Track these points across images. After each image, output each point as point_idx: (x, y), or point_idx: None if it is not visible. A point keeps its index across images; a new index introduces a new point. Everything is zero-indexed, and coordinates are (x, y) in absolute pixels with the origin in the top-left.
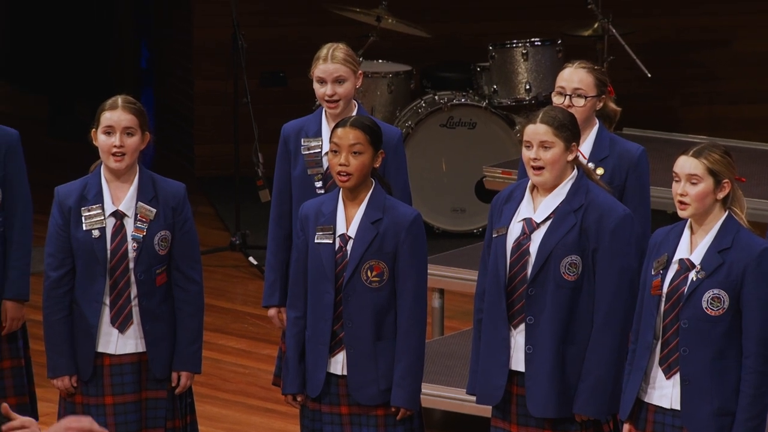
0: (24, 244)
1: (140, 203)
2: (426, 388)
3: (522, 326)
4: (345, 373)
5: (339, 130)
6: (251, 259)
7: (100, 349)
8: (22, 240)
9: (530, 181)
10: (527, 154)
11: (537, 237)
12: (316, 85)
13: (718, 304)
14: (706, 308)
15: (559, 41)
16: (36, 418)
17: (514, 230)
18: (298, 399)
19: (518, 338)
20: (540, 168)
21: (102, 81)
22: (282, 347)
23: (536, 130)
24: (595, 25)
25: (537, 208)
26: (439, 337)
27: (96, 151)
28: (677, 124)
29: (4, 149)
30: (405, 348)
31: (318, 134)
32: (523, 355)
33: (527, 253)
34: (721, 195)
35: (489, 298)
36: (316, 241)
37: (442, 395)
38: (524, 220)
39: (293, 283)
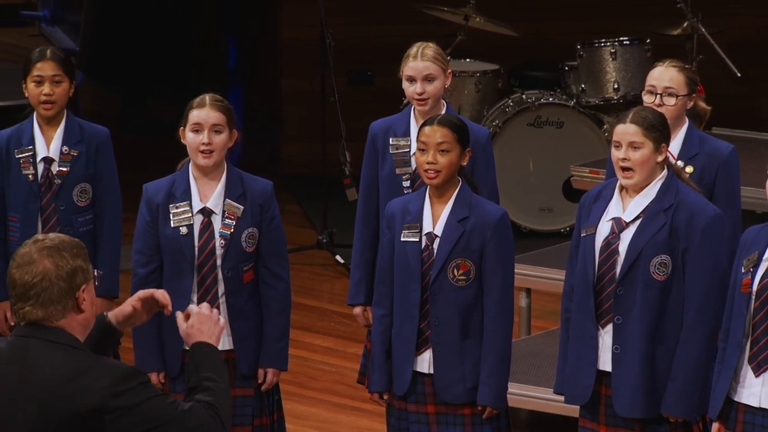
0: (113, 240)
1: (228, 200)
2: (513, 388)
3: (610, 326)
4: (431, 371)
5: (426, 128)
6: (338, 257)
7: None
8: (111, 237)
9: (619, 181)
10: (616, 154)
11: (626, 236)
12: (405, 84)
13: None
14: None
15: (648, 40)
16: None
17: (603, 229)
18: (384, 397)
19: (606, 338)
20: (629, 169)
21: (185, 79)
22: (368, 345)
23: (626, 130)
24: (685, 24)
25: (626, 207)
26: (526, 337)
27: (183, 148)
28: (767, 123)
29: (95, 147)
30: (491, 346)
31: (407, 133)
32: (610, 354)
33: (616, 252)
34: None
35: (577, 297)
36: (402, 239)
37: (529, 395)
38: (613, 219)
39: (379, 281)
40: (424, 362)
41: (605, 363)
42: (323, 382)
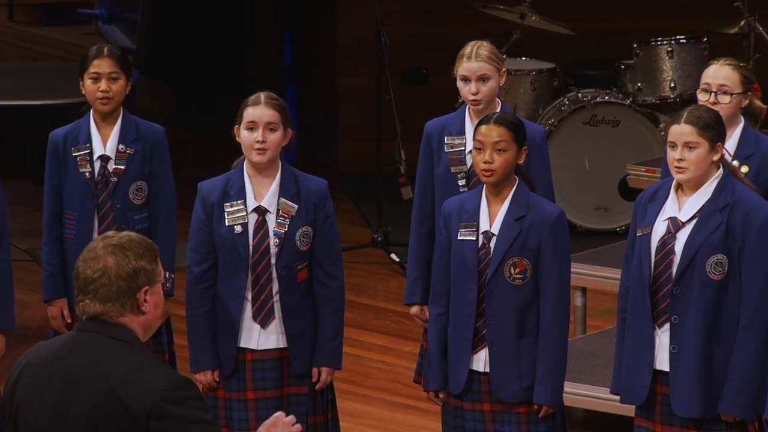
0: (168, 239)
1: (282, 199)
2: (568, 387)
3: (667, 326)
4: (487, 370)
5: (483, 127)
6: (393, 256)
7: (242, 344)
8: (166, 235)
9: (675, 180)
10: (672, 154)
11: (682, 236)
12: (459, 84)
13: None
14: None
15: (705, 39)
16: None
17: (659, 229)
18: (440, 396)
19: (663, 338)
20: (684, 168)
21: (241, 77)
22: (423, 344)
23: (681, 131)
24: (742, 23)
25: (682, 207)
26: (581, 336)
27: (238, 146)
28: None
29: (150, 145)
30: (547, 345)
31: (461, 132)
32: (667, 354)
33: (672, 252)
34: None
35: (633, 297)
36: (459, 237)
37: (584, 394)
38: (669, 219)
39: (436, 279)
40: (480, 361)
41: (662, 362)
42: (378, 380)
